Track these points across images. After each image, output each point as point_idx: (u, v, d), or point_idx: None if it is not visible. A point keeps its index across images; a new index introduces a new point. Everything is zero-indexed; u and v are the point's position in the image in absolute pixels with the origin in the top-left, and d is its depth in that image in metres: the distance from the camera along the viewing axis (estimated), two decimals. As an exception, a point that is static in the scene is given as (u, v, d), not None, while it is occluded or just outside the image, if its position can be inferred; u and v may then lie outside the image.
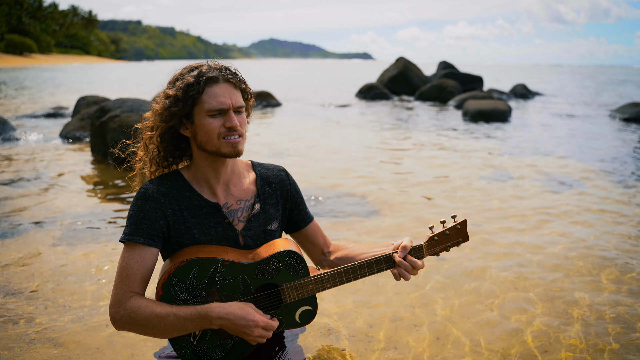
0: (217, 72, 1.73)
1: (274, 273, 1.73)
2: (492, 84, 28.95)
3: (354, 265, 1.77)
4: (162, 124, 1.75)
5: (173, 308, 1.65)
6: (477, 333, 2.80)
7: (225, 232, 1.80)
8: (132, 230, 1.69)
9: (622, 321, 2.94)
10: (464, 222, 1.81)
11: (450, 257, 3.92)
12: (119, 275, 1.68)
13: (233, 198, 1.84)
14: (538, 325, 2.89)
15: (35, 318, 2.95)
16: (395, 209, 5.22)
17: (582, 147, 9.26)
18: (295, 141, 9.65)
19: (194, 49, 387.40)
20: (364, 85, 21.50)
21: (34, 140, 9.43)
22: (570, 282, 3.49)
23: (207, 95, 1.69)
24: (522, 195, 5.75)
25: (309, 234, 2.04)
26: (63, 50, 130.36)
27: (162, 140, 1.80)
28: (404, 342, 2.71)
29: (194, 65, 1.75)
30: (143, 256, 1.69)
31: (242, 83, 1.79)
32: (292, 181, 1.99)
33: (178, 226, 1.75)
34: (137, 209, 1.72)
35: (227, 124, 1.71)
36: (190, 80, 1.70)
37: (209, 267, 1.68)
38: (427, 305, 3.14)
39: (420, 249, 1.79)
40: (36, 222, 4.69)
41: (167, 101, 1.73)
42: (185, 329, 1.66)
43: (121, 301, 1.65)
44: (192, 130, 1.75)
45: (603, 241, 4.29)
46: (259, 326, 1.64)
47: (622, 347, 2.66)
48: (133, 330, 1.67)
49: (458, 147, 9.13)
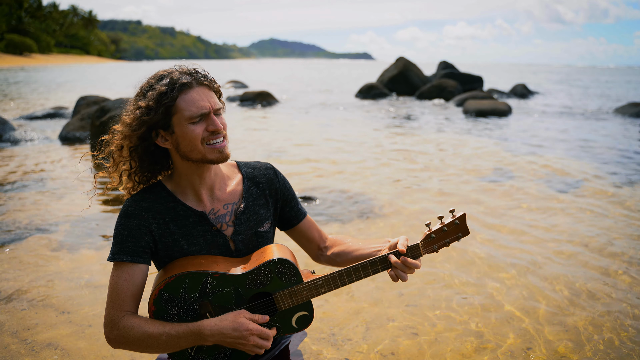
0: (189, 77, 1.66)
1: (265, 282, 1.70)
2: (492, 84, 28.93)
3: (348, 269, 1.72)
4: (133, 134, 1.67)
5: (165, 327, 1.63)
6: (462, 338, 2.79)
7: (215, 239, 1.76)
8: (118, 250, 1.68)
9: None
10: (462, 217, 1.72)
11: (448, 255, 3.92)
12: (110, 295, 1.67)
13: (219, 203, 1.79)
14: (542, 323, 2.89)
15: (35, 323, 2.94)
16: (395, 209, 5.21)
17: (582, 147, 9.25)
18: (294, 141, 9.64)
19: (194, 49, 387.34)
20: (364, 85, 21.50)
21: (34, 141, 9.42)
22: (572, 277, 3.49)
23: (183, 102, 1.64)
24: (522, 195, 5.74)
25: (303, 230, 2.00)
26: (63, 50, 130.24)
27: (134, 155, 1.72)
28: (403, 349, 2.70)
29: (163, 73, 1.68)
30: (131, 274, 1.67)
31: (215, 83, 1.74)
32: (280, 178, 1.93)
33: (165, 239, 1.72)
34: (121, 227, 1.69)
35: (210, 128, 1.66)
36: (163, 89, 1.63)
37: (199, 280, 1.66)
38: (427, 309, 3.14)
39: (416, 248, 1.72)
40: (36, 224, 4.68)
41: (138, 111, 1.66)
42: (179, 347, 1.65)
43: (113, 321, 1.64)
44: (173, 142, 1.68)
45: (603, 239, 4.29)
46: (254, 334, 1.61)
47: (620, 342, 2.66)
48: (128, 348, 1.66)
49: (458, 146, 9.12)
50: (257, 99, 18.09)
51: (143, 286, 1.71)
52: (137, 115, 1.66)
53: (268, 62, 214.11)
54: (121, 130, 1.72)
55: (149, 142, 1.70)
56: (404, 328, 2.87)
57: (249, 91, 19.01)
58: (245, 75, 43.61)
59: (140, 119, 1.65)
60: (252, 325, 1.62)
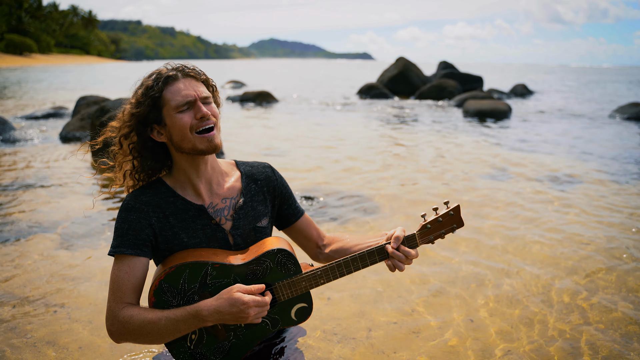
0: (175, 70, 1.75)
1: (265, 272, 1.72)
2: (492, 84, 28.94)
3: (346, 259, 1.74)
4: (124, 126, 1.76)
5: (164, 312, 1.65)
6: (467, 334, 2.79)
7: (214, 232, 1.79)
8: (119, 243, 1.70)
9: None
10: (457, 208, 1.76)
11: (448, 256, 3.92)
12: (111, 288, 1.69)
13: (218, 197, 1.83)
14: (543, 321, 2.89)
15: (35, 320, 2.95)
16: (395, 209, 5.22)
17: (582, 147, 9.26)
18: (293, 141, 9.64)
19: (194, 49, 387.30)
20: (364, 85, 21.51)
21: (34, 141, 9.42)
22: (571, 280, 3.49)
23: (170, 93, 1.71)
24: (522, 195, 5.74)
25: (301, 228, 2.03)
26: (63, 50, 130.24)
27: (135, 154, 1.79)
28: (406, 345, 2.71)
29: (153, 71, 1.77)
30: (132, 267, 1.69)
31: (203, 75, 1.80)
32: (278, 176, 1.97)
33: (165, 233, 1.75)
34: (121, 221, 1.73)
35: (197, 115, 1.71)
36: (150, 83, 1.72)
37: (199, 271, 1.67)
38: (429, 308, 3.14)
39: (413, 238, 1.75)
40: (37, 224, 4.68)
41: (128, 106, 1.76)
42: (179, 331, 1.65)
43: (114, 313, 1.66)
44: (167, 134, 1.75)
45: (602, 239, 4.29)
46: (251, 306, 1.62)
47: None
48: (130, 340, 1.68)
49: (458, 146, 9.12)
50: (257, 99, 18.10)
51: (144, 279, 1.73)
52: (127, 110, 1.76)
53: (268, 62, 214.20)
54: (116, 126, 1.81)
55: (146, 137, 1.77)
56: (403, 327, 2.87)
57: (249, 91, 19.03)
58: (245, 75, 43.62)
59: (130, 112, 1.74)
60: (247, 298, 1.62)
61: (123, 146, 1.79)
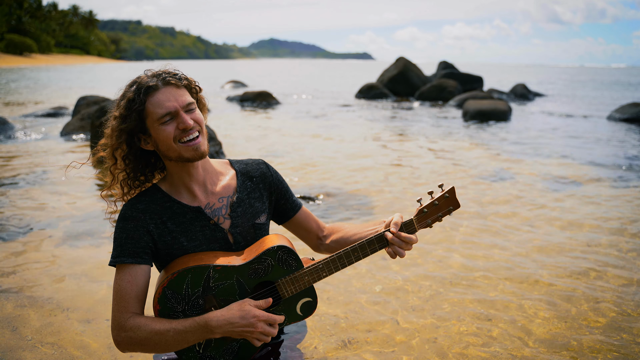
0: (155, 79, 1.71)
1: (267, 270, 1.73)
2: (492, 84, 28.95)
3: (347, 250, 1.75)
4: (116, 143, 1.75)
5: (172, 323, 1.64)
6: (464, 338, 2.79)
7: (213, 233, 1.79)
8: (119, 252, 1.71)
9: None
10: (452, 190, 1.78)
11: (447, 256, 3.92)
12: (115, 299, 1.69)
13: (214, 197, 1.83)
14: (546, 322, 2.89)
15: (35, 320, 2.95)
16: (395, 208, 5.22)
17: (581, 148, 9.26)
18: (293, 141, 9.65)
19: (194, 49, 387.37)
20: (364, 85, 21.50)
21: (34, 140, 9.42)
22: (571, 282, 3.49)
23: (151, 105, 1.69)
24: (522, 195, 5.75)
25: (300, 222, 2.03)
26: (63, 50, 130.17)
27: (128, 162, 1.79)
28: (406, 345, 2.71)
29: (134, 80, 1.75)
30: (134, 275, 1.69)
31: (184, 80, 1.77)
32: (273, 172, 1.97)
33: (164, 238, 1.75)
34: (120, 231, 1.73)
35: (180, 126, 1.70)
36: (131, 96, 1.70)
37: (201, 275, 1.68)
38: (429, 307, 3.14)
39: (411, 224, 1.77)
40: (37, 222, 4.69)
41: (114, 122, 1.74)
42: (187, 342, 1.65)
43: (120, 323, 1.66)
44: (153, 143, 1.75)
45: (603, 240, 4.29)
46: (261, 320, 1.62)
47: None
48: (137, 350, 1.67)
49: (458, 147, 9.13)
50: (256, 99, 18.09)
51: (147, 287, 1.72)
52: (114, 126, 1.74)
53: (268, 62, 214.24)
54: (106, 143, 1.79)
55: (136, 147, 1.77)
56: (405, 328, 2.88)
57: (249, 91, 19.02)
58: (245, 75, 43.63)
59: (119, 128, 1.72)
60: (258, 312, 1.63)
61: (117, 160, 1.79)
